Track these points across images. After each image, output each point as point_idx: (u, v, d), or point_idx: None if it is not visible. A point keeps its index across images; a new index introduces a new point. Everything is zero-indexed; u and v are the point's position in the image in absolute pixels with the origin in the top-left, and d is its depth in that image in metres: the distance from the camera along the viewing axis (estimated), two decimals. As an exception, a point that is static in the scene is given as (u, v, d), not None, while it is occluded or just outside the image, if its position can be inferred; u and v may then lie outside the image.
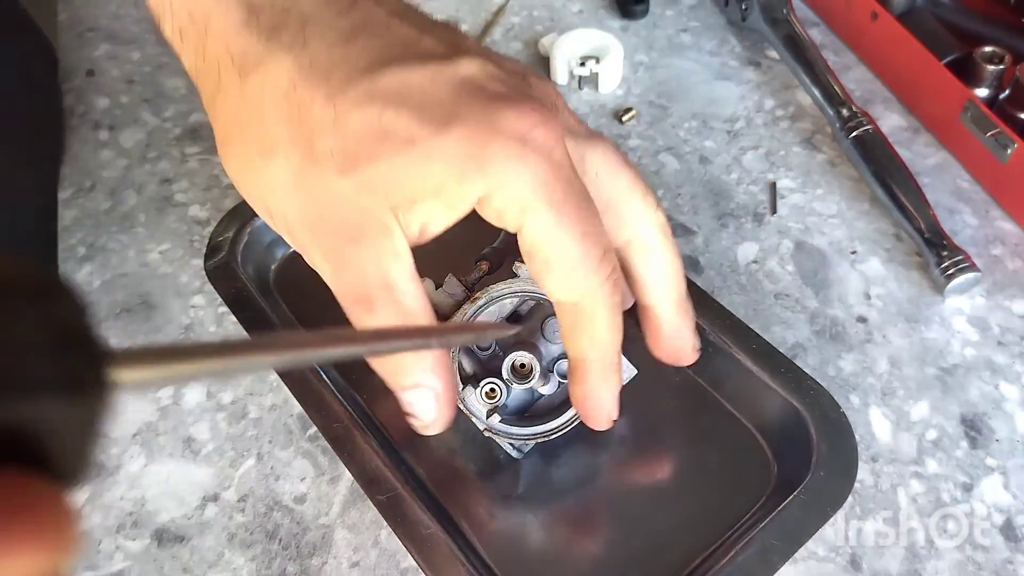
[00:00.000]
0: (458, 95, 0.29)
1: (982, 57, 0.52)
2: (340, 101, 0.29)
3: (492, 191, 0.29)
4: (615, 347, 0.32)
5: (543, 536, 0.39)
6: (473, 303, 0.37)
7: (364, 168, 0.29)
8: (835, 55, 0.60)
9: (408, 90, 0.29)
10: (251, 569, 0.39)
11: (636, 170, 0.34)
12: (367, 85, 0.29)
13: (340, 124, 0.29)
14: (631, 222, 0.33)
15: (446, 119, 0.29)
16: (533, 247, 0.30)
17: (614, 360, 0.33)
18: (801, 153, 0.55)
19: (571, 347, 0.33)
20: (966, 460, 0.41)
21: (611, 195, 0.33)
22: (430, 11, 0.33)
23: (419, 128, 0.29)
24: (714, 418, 0.41)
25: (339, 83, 0.29)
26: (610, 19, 0.64)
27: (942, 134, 0.54)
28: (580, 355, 0.33)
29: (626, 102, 0.58)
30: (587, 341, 0.32)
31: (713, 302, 0.43)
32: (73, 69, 0.63)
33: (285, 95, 0.29)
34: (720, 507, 0.38)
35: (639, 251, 0.34)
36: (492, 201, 0.29)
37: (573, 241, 0.29)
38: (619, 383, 0.34)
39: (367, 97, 0.29)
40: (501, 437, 0.38)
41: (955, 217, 0.50)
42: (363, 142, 0.29)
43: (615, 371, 0.33)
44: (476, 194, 0.29)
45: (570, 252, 0.29)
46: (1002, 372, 0.44)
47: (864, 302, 0.47)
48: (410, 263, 0.31)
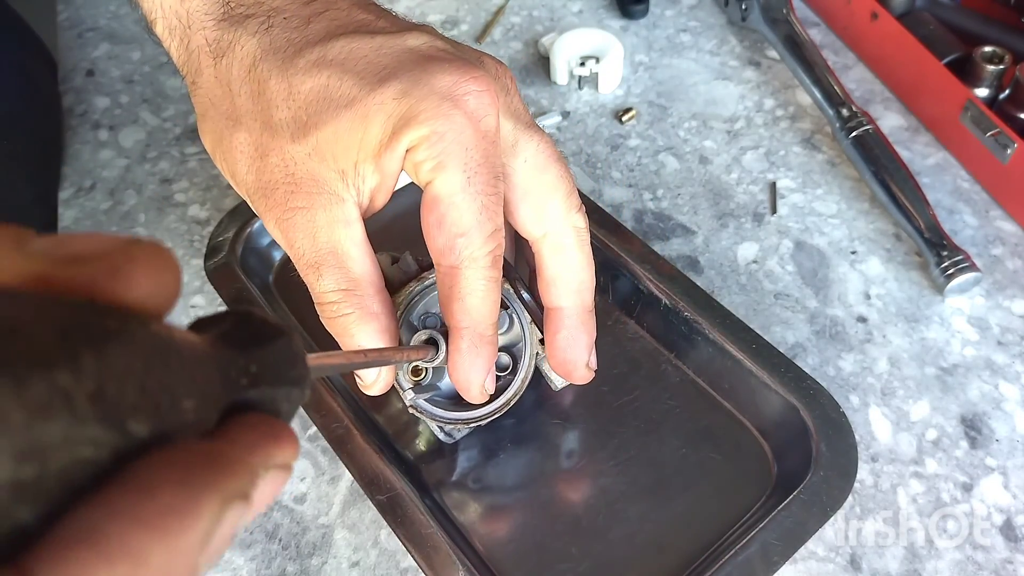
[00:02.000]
0: (399, 60, 0.31)
1: (982, 57, 0.52)
2: (292, 72, 0.31)
3: (418, 143, 0.30)
4: (488, 320, 0.33)
5: (542, 536, 0.38)
6: (420, 282, 0.38)
7: (313, 134, 0.31)
8: (835, 55, 0.60)
9: (353, 58, 0.31)
10: (251, 569, 0.39)
11: (567, 170, 0.35)
12: (317, 55, 0.31)
13: (292, 94, 0.31)
14: (549, 217, 0.35)
15: (383, 79, 0.31)
16: (434, 202, 0.31)
17: (486, 332, 0.33)
18: (801, 153, 0.55)
19: (446, 314, 0.33)
20: (966, 460, 0.41)
21: (535, 186, 0.34)
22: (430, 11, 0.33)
23: (359, 90, 0.31)
24: (714, 418, 0.41)
25: (292, 56, 0.32)
26: (610, 19, 0.64)
27: (942, 134, 0.54)
28: (454, 323, 0.33)
29: (626, 102, 0.58)
30: (460, 309, 0.33)
31: (713, 302, 0.43)
32: (73, 69, 0.63)
33: (248, 72, 0.32)
34: (720, 507, 0.38)
35: (551, 248, 0.35)
36: (415, 154, 0.31)
37: (472, 209, 0.31)
38: (491, 356, 0.34)
39: (316, 66, 0.31)
40: (427, 417, 0.38)
41: (955, 217, 0.50)
42: (311, 108, 0.31)
43: (486, 344, 0.34)
44: (404, 146, 0.31)
45: (466, 218, 0.31)
46: (1002, 372, 0.44)
47: (864, 302, 0.47)
48: (360, 230, 0.33)
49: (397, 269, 0.39)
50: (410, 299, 0.38)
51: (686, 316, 0.42)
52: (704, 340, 0.42)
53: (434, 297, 0.39)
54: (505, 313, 0.39)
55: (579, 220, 0.35)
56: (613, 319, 0.45)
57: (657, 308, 0.44)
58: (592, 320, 0.37)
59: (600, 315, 0.45)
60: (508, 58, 0.62)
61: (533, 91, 0.59)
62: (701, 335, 0.42)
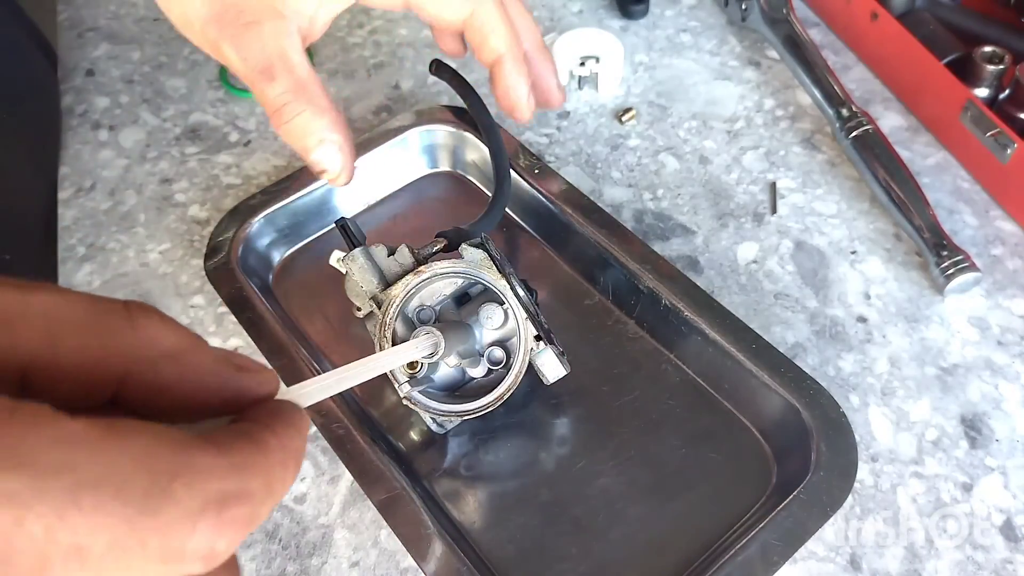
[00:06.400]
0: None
1: (982, 57, 0.52)
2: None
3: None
4: (519, 39, 0.39)
5: (542, 536, 0.38)
6: (417, 275, 0.39)
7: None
8: (835, 55, 0.60)
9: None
10: (251, 569, 0.39)
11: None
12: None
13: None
14: None
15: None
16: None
17: (520, 52, 0.40)
18: (801, 153, 0.55)
19: (485, 54, 0.39)
20: (966, 460, 0.41)
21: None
22: None
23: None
24: (714, 418, 0.41)
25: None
26: (610, 19, 0.64)
27: (942, 134, 0.54)
28: (493, 56, 0.39)
29: (626, 102, 0.58)
30: (496, 38, 0.38)
31: (713, 302, 0.43)
32: (73, 69, 0.63)
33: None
34: (720, 507, 0.38)
35: (480, 19, 0.39)
36: None
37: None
38: (528, 74, 0.40)
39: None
40: (421, 409, 0.39)
41: (955, 217, 0.50)
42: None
43: (523, 61, 0.40)
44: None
45: None
46: (1002, 372, 0.44)
47: (864, 302, 0.47)
48: (299, 42, 0.37)
49: (393, 262, 0.40)
50: (407, 291, 0.39)
51: (686, 316, 0.42)
52: (704, 340, 0.42)
53: (430, 290, 0.39)
54: (500, 308, 0.39)
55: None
56: (613, 319, 0.45)
57: (657, 308, 0.44)
58: (541, 54, 0.43)
59: (600, 315, 0.46)
60: (508, 58, 0.62)
61: (533, 91, 0.59)
62: (701, 335, 0.42)
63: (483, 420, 0.40)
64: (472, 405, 0.39)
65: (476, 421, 0.41)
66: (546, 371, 0.40)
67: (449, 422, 0.41)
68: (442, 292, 0.40)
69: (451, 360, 0.39)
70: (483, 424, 0.42)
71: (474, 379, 0.41)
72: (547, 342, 0.39)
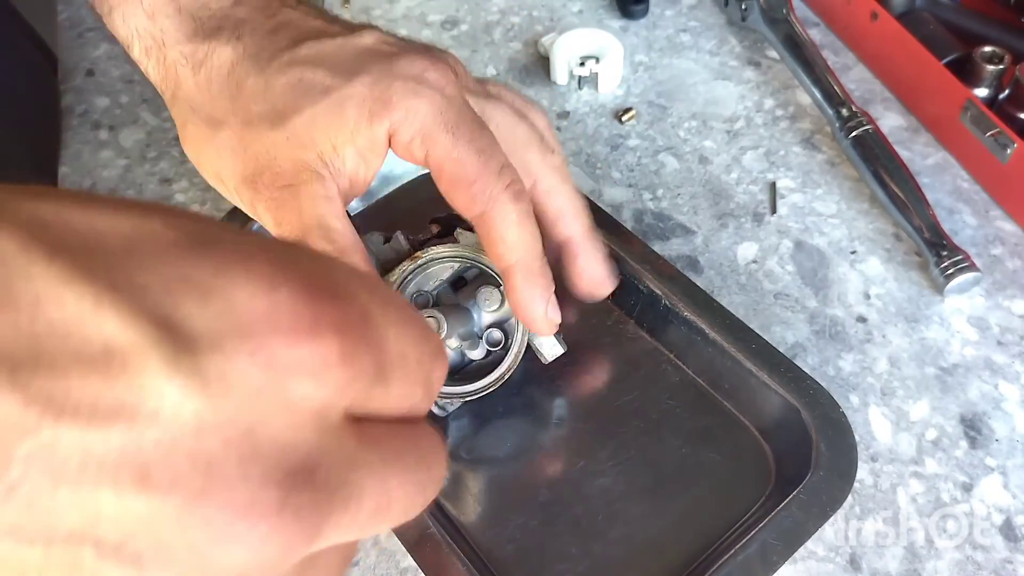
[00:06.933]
0: (361, 57, 0.35)
1: (982, 57, 0.52)
2: (268, 71, 0.35)
3: (398, 126, 0.34)
4: (533, 251, 0.36)
5: (542, 536, 0.39)
6: (413, 261, 0.39)
7: (291, 120, 0.34)
8: (835, 55, 0.60)
9: (321, 56, 0.35)
10: (251, 569, 0.39)
11: (531, 122, 0.39)
12: (289, 56, 0.35)
13: (269, 88, 0.35)
14: (532, 166, 0.38)
15: (354, 71, 0.35)
16: (439, 170, 0.34)
17: (535, 264, 0.36)
18: (801, 153, 0.55)
19: (495, 259, 0.36)
20: (966, 460, 0.41)
21: (511, 143, 0.37)
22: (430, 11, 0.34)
23: (332, 80, 0.34)
24: (714, 418, 0.41)
25: (267, 59, 0.35)
26: (610, 19, 0.64)
27: (942, 134, 0.54)
28: (503, 264, 0.36)
29: (626, 102, 0.58)
30: (503, 248, 0.35)
31: (713, 302, 0.43)
32: (73, 69, 0.63)
33: (227, 76, 0.36)
34: (720, 507, 0.38)
35: (544, 191, 0.38)
36: (399, 136, 0.34)
37: (470, 158, 0.34)
38: (548, 286, 0.37)
39: (289, 64, 0.35)
40: None
41: (955, 217, 0.50)
42: (288, 98, 0.35)
43: (539, 274, 0.36)
44: (384, 130, 0.34)
45: (469, 168, 0.34)
46: (1002, 372, 0.44)
47: (864, 302, 0.47)
48: (341, 207, 0.35)
49: (389, 248, 0.40)
50: (403, 278, 0.39)
51: (686, 316, 0.42)
52: (704, 340, 0.42)
53: (426, 276, 0.40)
54: (497, 290, 0.39)
55: (556, 159, 0.39)
56: (613, 319, 0.45)
57: (657, 308, 0.44)
58: (597, 236, 0.41)
59: (600, 315, 0.46)
60: (508, 58, 0.62)
61: (533, 91, 0.59)
62: (701, 335, 0.42)
63: (482, 404, 0.41)
64: (474, 386, 0.39)
65: (475, 405, 0.41)
66: (544, 350, 0.40)
67: (451, 404, 0.41)
68: (439, 277, 0.40)
69: (452, 343, 0.39)
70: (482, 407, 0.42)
71: (473, 361, 0.41)
72: None
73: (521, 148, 0.38)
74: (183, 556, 0.14)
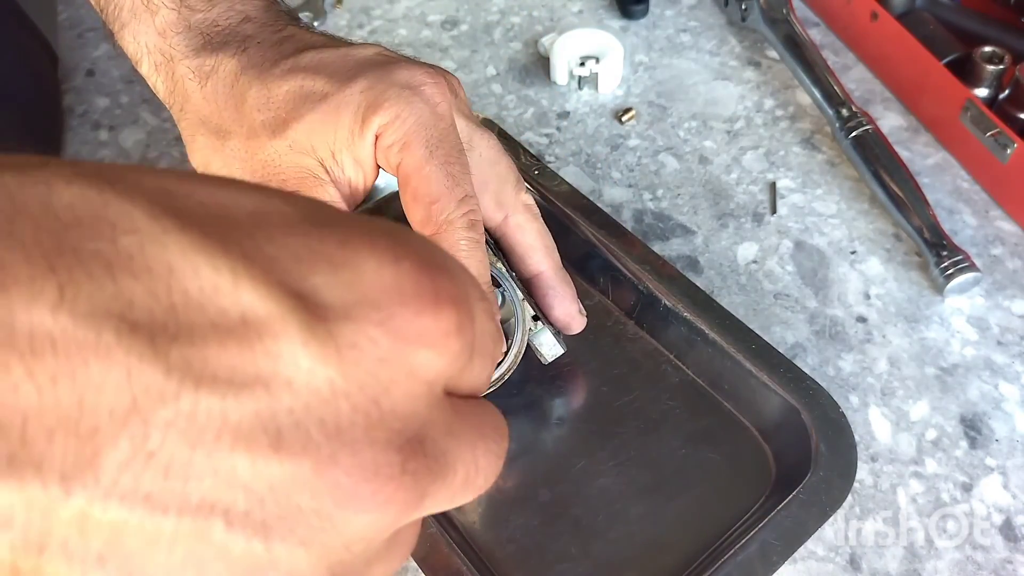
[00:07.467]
0: (362, 64, 0.36)
1: (982, 57, 0.52)
2: (269, 80, 0.35)
3: (383, 130, 0.34)
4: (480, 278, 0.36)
5: (542, 536, 0.39)
6: None
7: (291, 128, 0.35)
8: (835, 55, 0.60)
9: (323, 64, 0.36)
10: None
11: (511, 161, 0.40)
12: (291, 63, 0.36)
13: (271, 98, 0.35)
14: (507, 202, 0.39)
15: (351, 77, 0.35)
16: (406, 181, 0.34)
17: None
18: (801, 153, 0.55)
19: None
20: (966, 460, 0.41)
21: (491, 177, 0.39)
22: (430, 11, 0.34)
23: (330, 86, 0.35)
24: (714, 418, 0.41)
25: (269, 67, 0.36)
26: (610, 19, 0.64)
27: (942, 134, 0.54)
28: None
29: (626, 102, 0.58)
30: None
31: (713, 302, 0.43)
32: (73, 69, 0.63)
33: (231, 87, 0.36)
34: (720, 507, 0.38)
35: (515, 227, 0.40)
36: (383, 139, 0.34)
37: (439, 178, 0.34)
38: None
39: (290, 72, 0.35)
40: None
41: (955, 217, 0.50)
42: (289, 106, 0.35)
43: None
44: (372, 132, 0.34)
45: (434, 187, 0.34)
46: (1002, 372, 0.44)
47: (864, 302, 0.47)
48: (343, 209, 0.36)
49: None
50: None
51: (686, 316, 0.42)
52: (704, 340, 0.42)
53: None
54: (496, 291, 0.39)
55: (529, 198, 0.40)
56: (613, 319, 0.45)
57: (657, 308, 0.44)
58: (566, 274, 0.41)
59: (600, 315, 0.46)
60: (508, 58, 0.62)
61: (533, 91, 0.59)
62: (701, 335, 0.42)
63: None
64: None
65: None
66: (544, 350, 0.40)
67: None
68: None
69: None
70: None
71: None
72: (544, 322, 0.39)
73: (500, 181, 0.39)
74: (308, 521, 0.15)
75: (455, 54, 0.62)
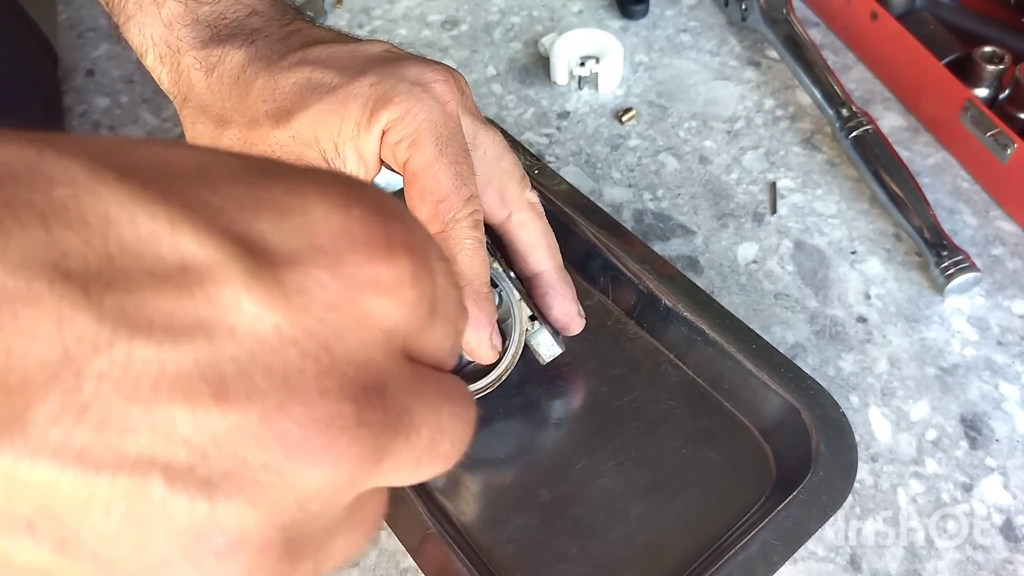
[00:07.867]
0: (371, 59, 0.36)
1: (982, 57, 0.52)
2: (277, 71, 0.35)
3: (392, 125, 0.34)
4: (481, 277, 0.36)
5: (542, 536, 0.39)
6: None
7: (296, 118, 0.35)
8: (835, 55, 0.60)
9: (332, 58, 0.36)
10: (251, 569, 0.39)
11: (516, 158, 0.40)
12: (299, 56, 0.36)
13: (277, 89, 0.35)
14: (510, 199, 0.39)
15: (361, 71, 0.35)
16: (414, 175, 0.34)
17: (481, 289, 0.36)
18: (801, 153, 0.55)
19: None
20: (966, 460, 0.41)
21: (496, 173, 0.39)
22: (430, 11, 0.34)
23: (339, 79, 0.35)
24: (714, 418, 0.41)
25: (276, 60, 0.36)
26: (610, 19, 0.64)
27: (942, 134, 0.54)
28: None
29: (626, 102, 0.58)
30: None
31: (713, 302, 0.43)
32: (73, 69, 0.63)
33: (237, 77, 0.36)
34: (720, 507, 0.38)
35: (518, 224, 0.40)
36: (390, 135, 0.34)
37: (447, 177, 0.34)
38: (491, 312, 0.37)
39: (298, 64, 0.35)
40: None
41: (955, 217, 0.50)
42: (295, 97, 0.35)
43: (484, 300, 0.36)
44: (380, 126, 0.34)
45: (441, 185, 0.34)
46: (1002, 372, 0.44)
47: (864, 302, 0.47)
48: None
49: None
50: None
51: (686, 316, 0.42)
52: (704, 340, 0.42)
53: None
54: (494, 291, 0.39)
55: (533, 196, 0.40)
56: (613, 319, 0.45)
57: (657, 308, 0.44)
58: (567, 275, 0.41)
59: (600, 315, 0.46)
60: (508, 58, 0.62)
61: (533, 91, 0.59)
62: (701, 335, 0.42)
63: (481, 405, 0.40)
64: (472, 387, 0.39)
65: None
66: (541, 350, 0.40)
67: None
68: None
69: None
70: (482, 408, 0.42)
71: (471, 362, 0.41)
72: (542, 322, 0.39)
73: (504, 178, 0.39)
74: (256, 477, 0.14)
75: (455, 54, 0.62)
